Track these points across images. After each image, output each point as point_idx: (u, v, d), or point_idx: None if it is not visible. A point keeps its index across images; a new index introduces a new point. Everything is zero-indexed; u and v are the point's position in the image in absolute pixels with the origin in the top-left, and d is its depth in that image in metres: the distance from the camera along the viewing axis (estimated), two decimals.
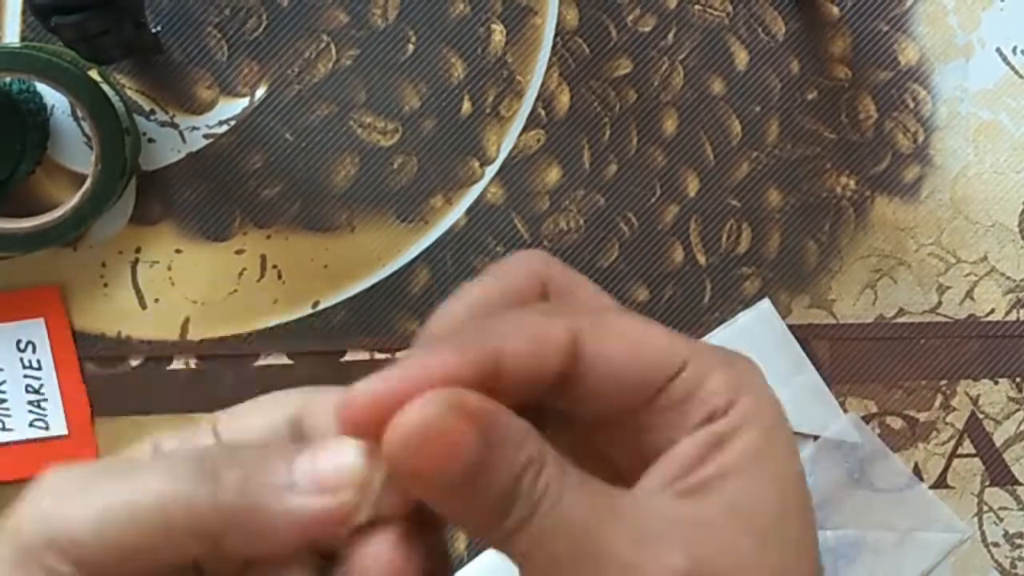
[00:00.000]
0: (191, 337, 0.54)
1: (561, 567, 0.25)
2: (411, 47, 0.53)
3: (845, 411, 0.55)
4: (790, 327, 0.54)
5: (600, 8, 0.54)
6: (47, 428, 0.53)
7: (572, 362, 0.27)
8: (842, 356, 0.55)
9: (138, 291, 0.54)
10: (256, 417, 0.28)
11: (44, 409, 0.53)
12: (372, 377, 0.25)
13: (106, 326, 0.54)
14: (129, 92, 0.53)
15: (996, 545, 0.56)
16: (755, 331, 0.54)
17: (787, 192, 0.55)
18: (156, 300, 0.54)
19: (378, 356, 0.54)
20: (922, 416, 0.55)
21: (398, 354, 0.54)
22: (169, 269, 0.54)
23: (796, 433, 0.54)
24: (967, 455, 0.56)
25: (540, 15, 0.54)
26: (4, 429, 0.53)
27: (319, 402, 0.28)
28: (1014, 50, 0.54)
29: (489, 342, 0.26)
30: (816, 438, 0.55)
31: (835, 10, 0.54)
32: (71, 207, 0.50)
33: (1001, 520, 0.56)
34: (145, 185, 0.53)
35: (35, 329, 0.53)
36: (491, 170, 0.54)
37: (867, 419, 0.55)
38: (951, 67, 0.54)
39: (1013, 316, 0.55)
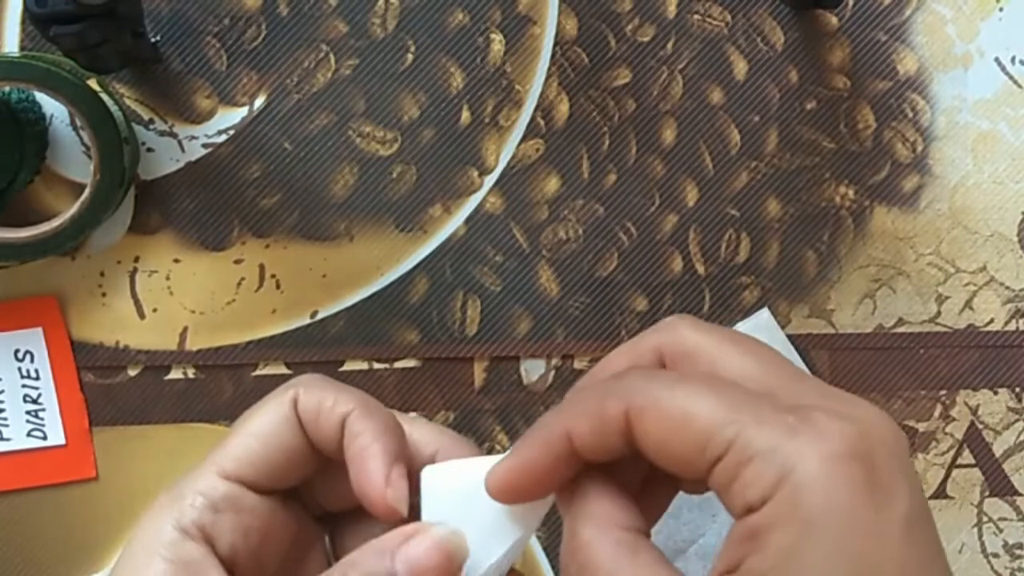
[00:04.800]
0: (189, 347, 0.54)
1: None
2: (410, 57, 0.54)
3: None
4: (789, 337, 0.54)
5: (599, 18, 0.54)
6: (45, 438, 0.53)
7: (631, 437, 0.30)
8: (841, 366, 0.55)
9: (136, 301, 0.54)
10: (248, 439, 0.35)
11: (42, 419, 0.53)
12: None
13: (104, 335, 0.54)
14: (128, 101, 0.53)
15: (996, 556, 0.56)
16: None
17: (786, 202, 0.55)
18: (154, 310, 0.54)
19: (376, 366, 0.54)
20: (921, 426, 0.55)
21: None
22: (167, 279, 0.54)
23: None
24: (967, 465, 0.56)
25: (539, 25, 0.54)
26: (2, 439, 0.53)
27: (305, 397, 0.34)
28: (1013, 60, 0.54)
29: (557, 427, 0.31)
30: None
31: (834, 20, 0.54)
32: (70, 216, 0.50)
33: (1001, 531, 0.56)
34: (144, 195, 0.53)
35: (33, 338, 0.53)
36: (490, 179, 0.54)
37: None
38: (950, 77, 0.54)
39: (1012, 326, 0.55)
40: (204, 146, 0.53)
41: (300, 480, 0.36)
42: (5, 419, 0.53)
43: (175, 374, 0.54)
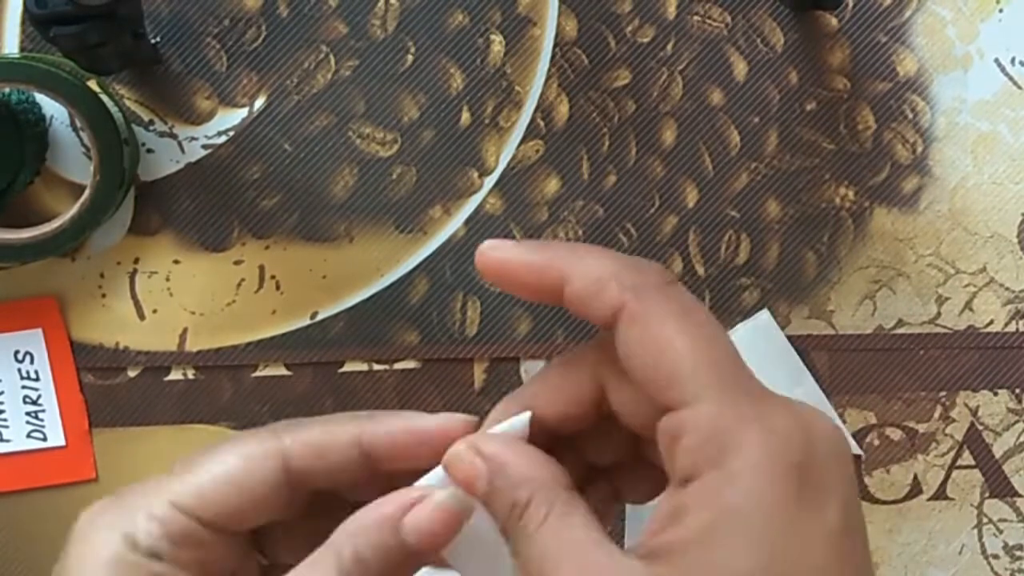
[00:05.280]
0: (189, 348, 0.54)
1: None
2: (410, 58, 0.54)
3: (844, 422, 0.55)
4: (789, 338, 0.54)
5: (599, 19, 0.54)
6: (44, 439, 0.53)
7: (609, 325, 0.31)
8: (841, 367, 0.55)
9: (136, 302, 0.54)
10: (219, 478, 0.33)
11: (41, 420, 0.53)
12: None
13: (104, 337, 0.54)
14: (128, 103, 0.53)
15: (996, 557, 0.56)
16: (754, 342, 0.54)
17: (786, 203, 0.55)
18: (154, 311, 0.54)
19: (376, 367, 0.54)
20: (921, 427, 0.55)
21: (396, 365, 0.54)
22: (167, 280, 0.54)
23: None
24: (966, 467, 0.56)
25: (539, 26, 0.54)
26: (1, 440, 0.53)
27: (297, 447, 0.33)
28: (1012, 61, 0.54)
29: (558, 261, 0.32)
30: None
31: (834, 21, 0.54)
32: (69, 217, 0.50)
33: (1001, 532, 0.56)
34: (144, 196, 0.53)
35: (33, 340, 0.53)
36: (490, 181, 0.54)
37: (866, 430, 0.55)
38: (950, 78, 0.54)
39: (1012, 327, 0.55)
40: (204, 147, 0.53)
41: (258, 524, 0.34)
42: (5, 420, 0.53)
43: (175, 375, 0.54)
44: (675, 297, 0.31)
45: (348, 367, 0.54)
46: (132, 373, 0.54)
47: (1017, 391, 0.55)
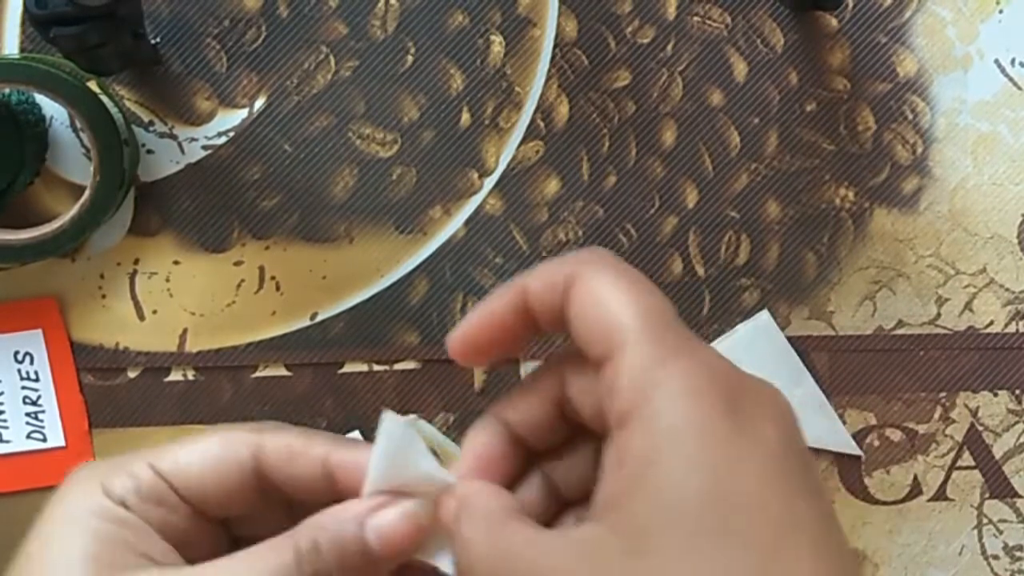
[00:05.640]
0: (189, 348, 0.54)
1: None
2: (410, 58, 0.54)
3: (844, 423, 0.55)
4: (789, 339, 0.54)
5: (599, 20, 0.54)
6: (44, 440, 0.53)
7: (564, 305, 0.32)
8: (841, 368, 0.55)
9: (136, 302, 0.54)
10: (201, 460, 0.34)
11: (41, 421, 0.53)
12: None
13: (104, 337, 0.54)
14: (128, 103, 0.53)
15: (996, 557, 0.56)
16: (754, 343, 0.54)
17: (786, 204, 0.55)
18: (154, 311, 0.54)
19: (376, 368, 0.54)
20: (921, 428, 0.55)
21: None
22: (167, 280, 0.54)
23: None
24: (966, 467, 0.56)
25: (539, 27, 0.54)
26: (1, 441, 0.53)
27: (272, 444, 0.34)
28: (1012, 62, 0.54)
29: (516, 284, 0.33)
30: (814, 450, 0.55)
31: (834, 22, 0.54)
32: (69, 218, 0.50)
33: (1001, 532, 0.56)
34: (144, 196, 0.53)
35: (33, 340, 0.53)
36: (490, 181, 0.54)
37: (866, 431, 0.55)
38: (950, 79, 0.54)
39: (1012, 328, 0.55)
40: (204, 148, 0.53)
41: (228, 511, 0.35)
42: (5, 421, 0.53)
43: (175, 376, 0.54)
44: (612, 264, 0.33)
45: (348, 368, 0.54)
46: (132, 374, 0.54)
47: (1017, 392, 0.55)
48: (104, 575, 0.31)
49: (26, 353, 0.53)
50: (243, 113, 0.53)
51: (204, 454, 0.34)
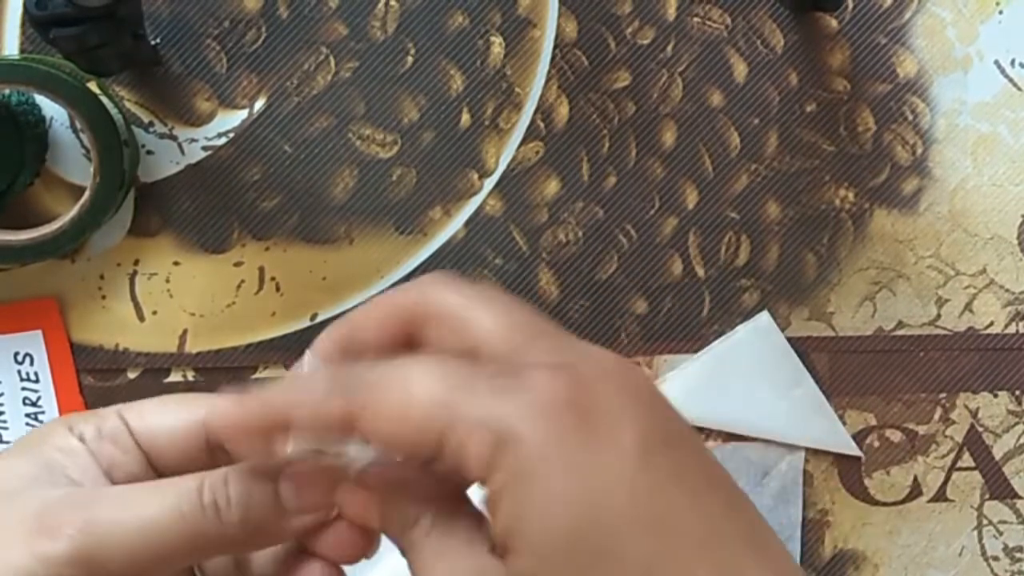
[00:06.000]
0: (189, 349, 0.54)
1: None
2: (410, 59, 0.54)
3: (844, 423, 0.55)
4: (789, 339, 0.54)
5: (599, 20, 0.54)
6: None
7: (356, 432, 0.30)
8: (841, 369, 0.55)
9: (136, 303, 0.54)
10: (163, 416, 0.34)
11: (41, 422, 0.53)
12: (241, 398, 0.31)
13: (104, 338, 0.54)
14: (128, 104, 0.53)
15: (996, 559, 0.56)
16: (754, 344, 0.54)
17: (786, 204, 0.55)
18: (154, 312, 0.54)
19: None
20: (921, 429, 0.55)
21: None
22: (167, 281, 0.54)
23: (791, 445, 0.54)
24: (966, 468, 0.55)
25: (539, 27, 0.54)
26: (1, 441, 0.53)
27: (222, 410, 0.33)
28: (1012, 62, 0.54)
29: (277, 406, 0.31)
30: (814, 451, 0.55)
31: (834, 23, 0.54)
32: (69, 219, 0.50)
33: (1001, 534, 0.56)
34: (143, 197, 0.53)
35: (33, 341, 0.53)
36: (490, 182, 0.54)
37: (866, 432, 0.55)
38: (949, 80, 0.54)
39: (1012, 329, 0.55)
40: (204, 148, 0.53)
41: (174, 471, 0.35)
42: (5, 422, 0.53)
43: (175, 376, 0.54)
44: (388, 366, 0.30)
45: None
46: (132, 375, 0.54)
47: (1017, 393, 0.55)
48: (29, 490, 0.32)
49: (26, 354, 0.53)
50: (243, 114, 0.53)
51: (166, 406, 0.35)
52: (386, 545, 0.32)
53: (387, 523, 0.31)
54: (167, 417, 0.34)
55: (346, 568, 0.33)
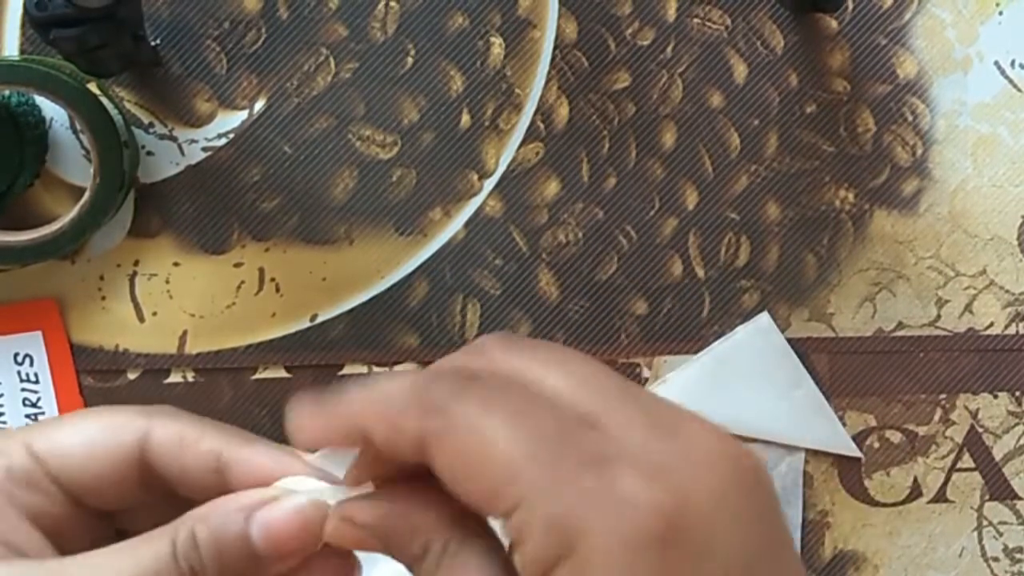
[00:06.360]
0: (189, 350, 0.54)
1: None
2: (410, 60, 0.54)
3: (844, 424, 0.55)
4: (789, 340, 0.54)
5: (599, 21, 0.54)
6: None
7: (425, 460, 0.27)
8: (841, 369, 0.55)
9: (136, 304, 0.54)
10: (80, 442, 0.31)
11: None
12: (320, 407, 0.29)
13: (104, 339, 0.54)
14: (128, 105, 0.53)
15: (996, 560, 0.56)
16: (754, 344, 0.54)
17: (786, 205, 0.55)
18: (154, 313, 0.54)
19: (376, 370, 0.54)
20: (921, 430, 0.55)
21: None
22: (167, 282, 0.54)
23: (791, 446, 0.54)
24: (966, 469, 0.55)
25: (539, 28, 0.54)
26: None
27: (162, 431, 0.31)
28: (1012, 63, 0.54)
29: (354, 418, 0.28)
30: (814, 452, 0.55)
31: (833, 24, 0.54)
32: (69, 220, 0.50)
33: (1001, 535, 0.56)
34: (144, 198, 0.53)
35: (33, 342, 0.53)
36: (490, 183, 0.54)
37: (866, 433, 0.55)
38: (949, 80, 0.54)
39: (1012, 330, 0.55)
40: (204, 149, 0.53)
41: (101, 507, 0.32)
42: (5, 423, 0.53)
43: (175, 377, 0.54)
44: (475, 396, 0.27)
45: (348, 370, 0.54)
46: (132, 375, 0.54)
47: (1017, 394, 0.55)
48: None
49: (26, 355, 0.53)
50: (243, 115, 0.53)
51: (84, 436, 0.31)
52: None
53: (391, 554, 0.29)
54: (85, 445, 0.30)
55: None
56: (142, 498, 0.32)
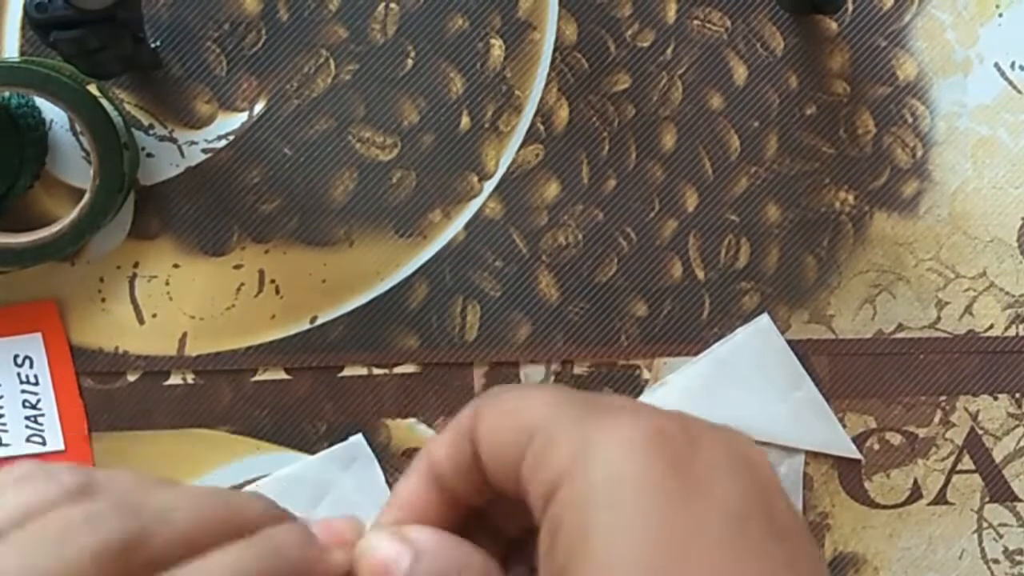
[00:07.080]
0: (189, 352, 0.54)
1: None
2: (410, 62, 0.54)
3: (844, 426, 0.55)
4: (789, 342, 0.54)
5: (599, 23, 0.54)
6: (44, 443, 0.53)
7: (475, 439, 0.30)
8: (841, 371, 0.55)
9: (136, 306, 0.54)
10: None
11: (41, 424, 0.53)
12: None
13: (104, 341, 0.54)
14: (128, 107, 0.53)
15: (996, 562, 0.56)
16: (754, 346, 0.54)
17: (786, 207, 0.55)
18: (154, 315, 0.54)
19: (376, 371, 0.54)
20: (921, 432, 0.55)
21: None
22: (167, 284, 0.54)
23: (791, 448, 0.54)
24: (967, 471, 0.55)
25: (539, 30, 0.54)
26: (1, 444, 0.53)
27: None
28: (1012, 65, 0.54)
29: (422, 455, 0.31)
30: (814, 454, 0.55)
31: (833, 25, 0.54)
32: (69, 222, 0.50)
33: (1001, 536, 0.56)
34: (143, 200, 0.53)
35: (32, 344, 0.53)
36: (490, 185, 0.54)
37: (866, 435, 0.55)
38: (949, 82, 0.54)
39: (1012, 331, 0.55)
40: (204, 151, 0.53)
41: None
42: (4, 425, 0.53)
43: (174, 379, 0.54)
44: (507, 388, 0.31)
45: (348, 371, 0.54)
46: (131, 377, 0.54)
47: (1017, 395, 0.55)
48: None
49: (26, 357, 0.53)
50: (243, 116, 0.53)
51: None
52: None
53: None
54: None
55: None
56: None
